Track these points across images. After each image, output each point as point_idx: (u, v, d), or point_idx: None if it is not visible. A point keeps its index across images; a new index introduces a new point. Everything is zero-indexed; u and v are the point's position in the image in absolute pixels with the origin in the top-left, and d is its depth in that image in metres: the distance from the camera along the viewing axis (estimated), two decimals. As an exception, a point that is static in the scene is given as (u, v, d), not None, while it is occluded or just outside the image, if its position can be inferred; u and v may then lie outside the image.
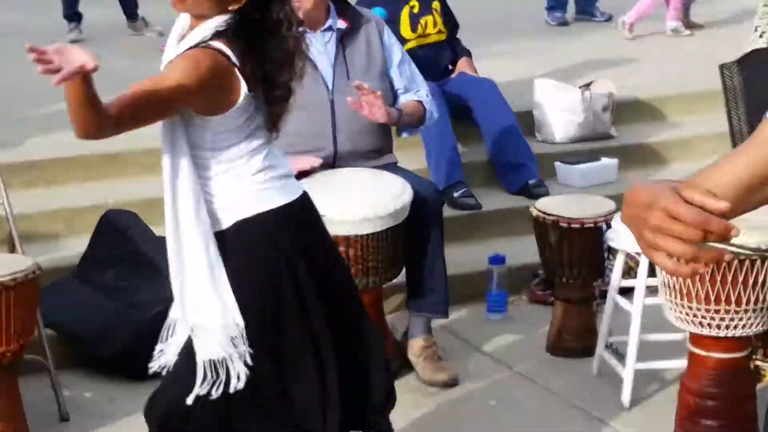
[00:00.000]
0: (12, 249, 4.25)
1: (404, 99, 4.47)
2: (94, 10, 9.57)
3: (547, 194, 5.44)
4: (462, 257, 5.05)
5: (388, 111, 4.24)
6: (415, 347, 4.40)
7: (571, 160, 5.79)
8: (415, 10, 5.60)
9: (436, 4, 5.69)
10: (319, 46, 4.37)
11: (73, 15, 9.09)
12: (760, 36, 5.79)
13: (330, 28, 4.40)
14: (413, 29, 5.58)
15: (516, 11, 10.15)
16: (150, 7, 9.19)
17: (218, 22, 2.94)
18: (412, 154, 5.33)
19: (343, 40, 4.40)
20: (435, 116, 4.56)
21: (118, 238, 4.64)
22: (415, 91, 4.49)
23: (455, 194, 5.33)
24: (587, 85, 6.15)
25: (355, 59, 4.40)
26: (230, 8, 2.95)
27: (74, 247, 4.89)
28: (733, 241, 3.32)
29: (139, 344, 4.16)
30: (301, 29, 3.03)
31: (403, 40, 5.47)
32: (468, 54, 5.85)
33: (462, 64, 5.79)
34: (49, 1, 9.88)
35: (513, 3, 10.62)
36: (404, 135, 4.70)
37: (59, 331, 4.35)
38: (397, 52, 4.51)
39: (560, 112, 6.02)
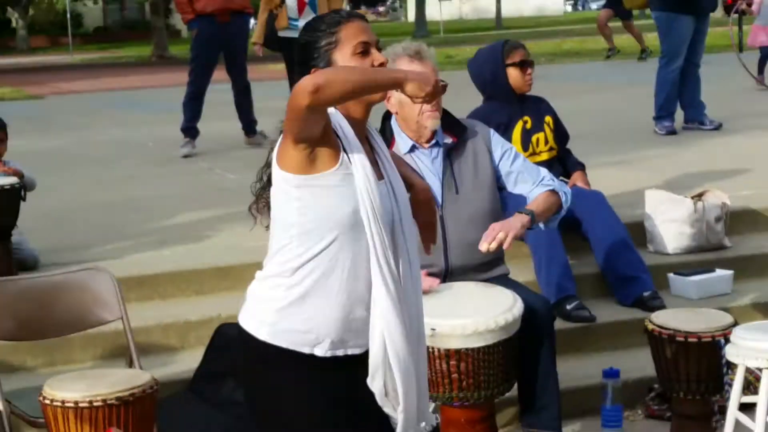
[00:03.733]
0: (130, 363, 4.32)
1: (533, 194, 4.39)
2: (215, 122, 9.85)
3: (662, 306, 5.37)
4: (575, 370, 4.99)
5: (520, 224, 4.19)
6: (529, 462, 4.35)
7: (684, 271, 5.71)
8: (528, 126, 5.62)
9: (548, 119, 5.70)
10: (427, 162, 4.40)
11: (189, 130, 9.32)
12: None
13: (437, 144, 4.43)
14: (524, 148, 5.57)
15: (624, 121, 10.19)
16: (268, 120, 9.44)
17: None
18: (521, 265, 5.32)
19: (450, 154, 4.42)
20: (569, 195, 4.45)
21: (232, 352, 4.67)
22: (539, 181, 4.41)
23: (568, 307, 5.27)
24: (699, 196, 6.10)
25: (463, 173, 4.40)
26: None
27: (188, 360, 4.96)
28: None
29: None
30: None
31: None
32: (581, 167, 5.86)
33: (576, 178, 5.79)
34: (169, 119, 10.21)
35: (620, 113, 10.67)
36: (541, 226, 4.43)
37: (175, 445, 4.39)
38: (507, 155, 4.46)
39: (672, 224, 5.96)
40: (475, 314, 3.99)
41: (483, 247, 4.11)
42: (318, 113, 2.69)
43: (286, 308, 2.87)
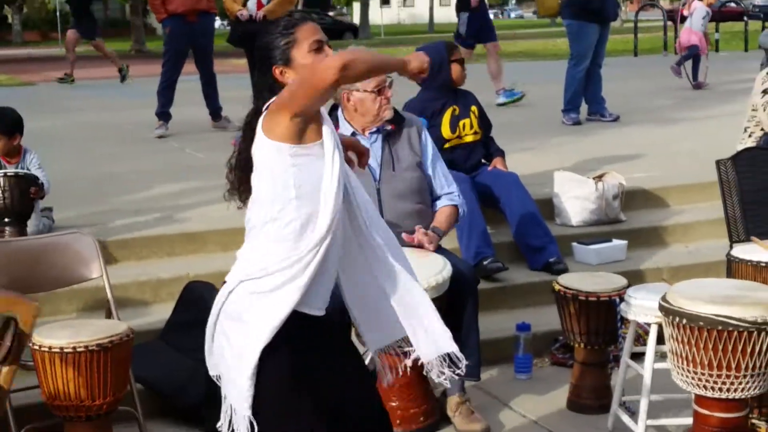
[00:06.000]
0: (109, 315, 4.26)
1: (440, 205, 4.51)
2: (185, 108, 9.76)
3: (566, 270, 5.41)
4: (493, 324, 5.02)
5: (433, 241, 4.33)
6: (452, 403, 4.35)
7: (586, 241, 5.75)
8: (456, 113, 5.61)
9: (474, 108, 5.69)
10: (367, 145, 4.39)
11: (163, 114, 9.24)
12: (749, 136, 5.79)
13: (378, 131, 4.43)
14: (452, 130, 5.59)
15: (536, 114, 10.23)
16: (233, 107, 9.39)
17: None
18: (449, 235, 5.32)
19: (389, 139, 4.44)
20: (465, 209, 4.61)
21: (198, 306, 4.63)
22: (447, 194, 4.52)
23: (485, 263, 5.28)
24: (600, 177, 6.14)
25: (399, 154, 4.43)
26: None
27: (160, 312, 4.90)
28: (734, 314, 3.29)
29: (210, 398, 4.17)
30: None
31: (442, 139, 5.51)
32: (501, 154, 5.87)
33: (496, 162, 5.80)
34: (146, 105, 10.09)
35: (534, 106, 10.71)
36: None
37: (147, 386, 4.35)
38: (430, 152, 4.53)
39: (576, 200, 6.00)
40: (410, 275, 3.98)
41: (407, 238, 4.23)
42: (332, 91, 2.62)
43: None
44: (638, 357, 4.14)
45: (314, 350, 2.74)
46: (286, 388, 2.70)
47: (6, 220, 5.10)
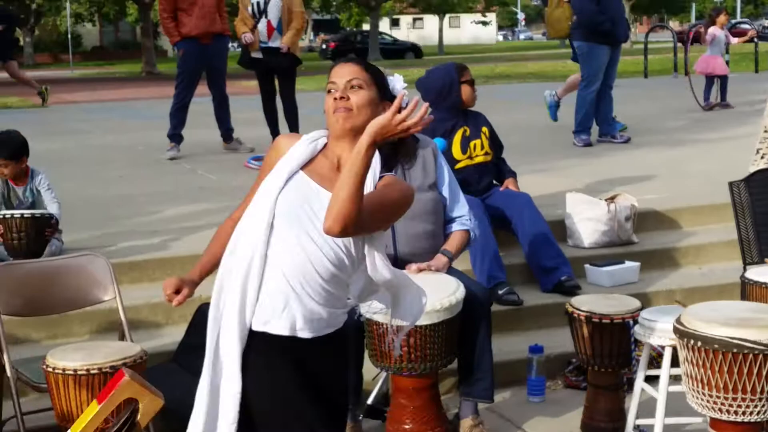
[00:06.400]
0: (122, 337, 4.27)
1: (451, 229, 4.50)
2: (197, 130, 9.79)
3: (578, 287, 5.41)
4: (506, 346, 5.00)
5: (443, 265, 4.33)
6: (465, 426, 4.35)
7: (598, 263, 5.74)
8: (467, 134, 5.62)
9: (485, 129, 5.70)
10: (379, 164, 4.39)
11: (174, 136, 9.27)
12: (762, 157, 5.78)
13: None
14: (463, 151, 5.59)
15: (548, 135, 10.23)
16: (243, 129, 9.47)
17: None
18: (461, 257, 5.32)
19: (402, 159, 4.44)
20: (477, 233, 4.59)
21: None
22: (459, 218, 4.51)
23: (500, 292, 5.28)
24: (612, 198, 6.14)
25: (412, 175, 4.42)
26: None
27: (173, 334, 4.91)
28: (749, 337, 3.26)
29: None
30: None
31: (453, 160, 5.51)
32: (514, 175, 5.87)
33: (508, 183, 5.79)
34: (157, 126, 10.12)
35: (545, 128, 10.71)
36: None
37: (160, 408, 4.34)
38: (446, 175, 4.53)
39: (588, 222, 6.00)
40: (423, 296, 3.98)
41: (412, 269, 4.22)
42: None
43: None
44: (652, 380, 4.12)
45: (287, 365, 2.80)
46: (272, 402, 2.80)
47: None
